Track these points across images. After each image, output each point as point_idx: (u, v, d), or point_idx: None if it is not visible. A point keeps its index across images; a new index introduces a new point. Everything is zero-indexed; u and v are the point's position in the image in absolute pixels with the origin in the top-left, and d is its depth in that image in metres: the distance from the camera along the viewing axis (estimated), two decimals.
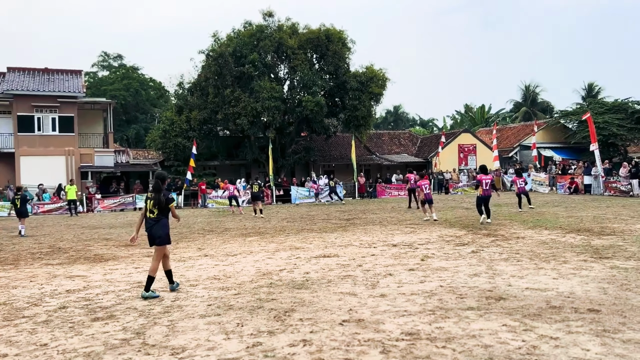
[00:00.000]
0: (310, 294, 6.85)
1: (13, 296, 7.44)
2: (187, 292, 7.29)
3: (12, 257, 11.54)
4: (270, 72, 34.78)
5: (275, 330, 5.33)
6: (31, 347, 5.07)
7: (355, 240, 12.40)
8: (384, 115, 77.60)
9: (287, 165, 36.52)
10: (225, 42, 33.90)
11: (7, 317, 6.28)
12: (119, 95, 53.58)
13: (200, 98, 34.29)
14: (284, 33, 33.87)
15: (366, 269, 8.54)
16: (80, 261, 10.62)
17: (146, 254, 11.41)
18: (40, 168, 31.47)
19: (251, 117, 32.34)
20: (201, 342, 5.04)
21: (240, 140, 37.13)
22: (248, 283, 7.77)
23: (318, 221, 18.01)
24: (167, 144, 34.81)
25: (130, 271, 9.21)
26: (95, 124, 36.56)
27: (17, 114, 31.83)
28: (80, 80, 34.98)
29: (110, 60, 65.21)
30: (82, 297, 7.22)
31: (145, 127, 56.82)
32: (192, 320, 5.83)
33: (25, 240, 15.13)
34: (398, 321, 5.49)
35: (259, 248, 11.64)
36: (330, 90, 35.64)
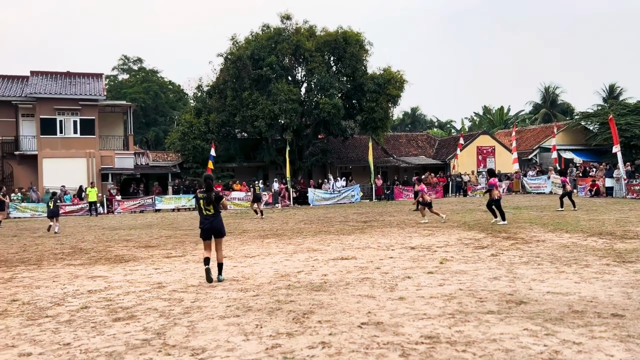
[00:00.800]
0: (328, 296, 6.85)
1: (36, 296, 7.56)
2: (207, 293, 7.34)
3: (36, 257, 11.74)
4: (288, 75, 34.91)
5: (294, 332, 5.34)
6: (54, 347, 5.15)
7: (373, 242, 12.37)
8: (401, 117, 77.32)
9: (304, 167, 36.61)
10: (244, 45, 34.13)
11: (31, 316, 6.39)
12: (139, 98, 54.23)
13: (219, 101, 34.57)
14: (302, 36, 33.98)
15: (384, 272, 8.51)
16: (102, 262, 10.77)
17: (165, 254, 11.53)
18: (62, 170, 31.98)
19: (269, 119, 32.50)
20: (221, 343, 5.07)
21: (258, 143, 37.32)
22: (266, 285, 7.80)
23: (335, 223, 18.02)
24: (186, 146, 35.13)
25: (150, 272, 9.30)
26: (116, 127, 37.04)
27: (39, 117, 32.41)
28: (101, 83, 35.51)
29: (130, 63, 66.02)
30: (103, 298, 7.31)
31: (164, 130, 57.40)
32: (212, 321, 5.88)
33: (48, 240, 15.39)
34: (417, 324, 5.46)
35: (277, 250, 11.68)
36: (348, 93, 35.67)
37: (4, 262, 11.01)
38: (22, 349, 5.11)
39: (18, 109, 33.12)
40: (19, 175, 33.00)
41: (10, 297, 7.54)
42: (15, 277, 9.23)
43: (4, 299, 7.42)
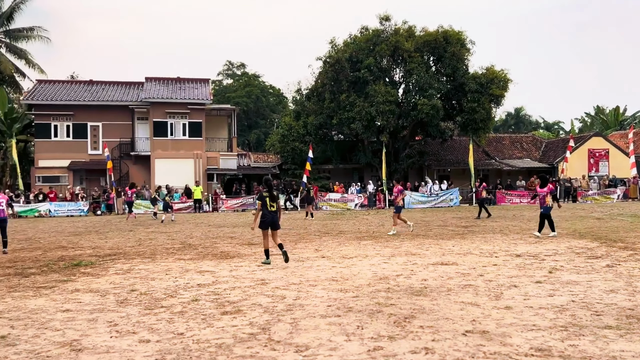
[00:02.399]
0: (430, 302, 6.73)
1: (152, 287, 8.13)
2: (308, 292, 7.49)
3: (150, 251, 12.64)
4: (386, 76, 34.79)
5: (395, 335, 5.30)
6: (169, 335, 5.51)
7: (474, 248, 11.96)
8: (504, 118, 74.07)
9: (401, 170, 36.24)
10: (342, 48, 34.49)
11: (148, 306, 6.87)
12: (241, 102, 56.56)
13: (317, 103, 35.20)
14: (401, 36, 33.72)
15: (488, 279, 8.20)
16: (209, 257, 11.35)
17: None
18: (172, 169, 34.20)
19: (365, 121, 32.57)
20: (323, 342, 5.15)
21: (354, 145, 37.53)
22: (365, 286, 7.81)
23: (434, 227, 17.65)
24: (285, 148, 36.15)
25: (254, 269, 9.66)
26: (221, 129, 38.94)
27: (152, 120, 34.87)
28: (207, 88, 37.54)
29: (234, 68, 69.09)
30: (211, 292, 7.70)
31: (265, 132, 59.44)
32: (314, 319, 5.99)
33: (160, 235, 16.51)
34: (526, 335, 5.20)
35: (374, 252, 11.65)
36: (447, 93, 34.85)
37: (123, 255, 11.96)
38: (142, 335, 5.52)
39: (134, 113, 35.87)
40: (134, 174, 35.69)
41: (129, 287, 8.17)
42: (133, 269, 9.99)
43: (124, 288, 8.05)
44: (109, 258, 11.45)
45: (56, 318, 6.27)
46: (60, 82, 38.64)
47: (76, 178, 34.79)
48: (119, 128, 35.70)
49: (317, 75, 35.68)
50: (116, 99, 36.09)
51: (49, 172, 34.38)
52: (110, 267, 10.20)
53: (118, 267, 10.20)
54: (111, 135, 35.26)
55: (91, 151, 35.24)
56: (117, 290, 7.87)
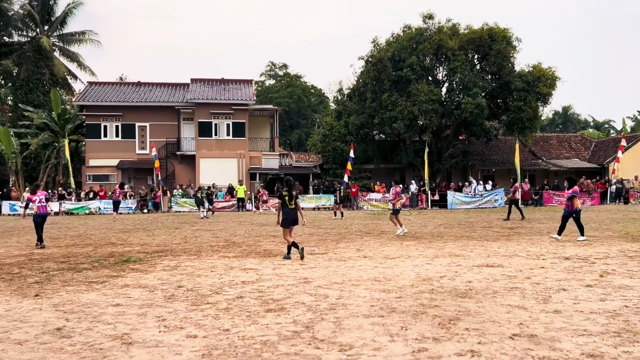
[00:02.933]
0: (475, 304, 6.62)
1: (198, 284, 8.31)
2: (350, 292, 7.49)
3: (195, 248, 12.92)
4: (429, 75, 34.38)
5: (440, 337, 5.25)
6: (216, 331, 5.62)
7: (520, 250, 11.69)
8: (551, 117, 71.96)
9: (444, 170, 35.75)
10: (384, 47, 34.30)
11: (195, 302, 7.03)
12: (283, 102, 57.06)
13: (358, 103, 35.12)
14: (444, 34, 33.25)
15: (535, 282, 8.00)
16: (252, 255, 11.52)
17: (309, 251, 11.98)
18: (216, 169, 34.85)
19: (407, 120, 32.28)
20: (367, 342, 5.15)
21: (396, 144, 37.25)
22: (409, 287, 7.76)
23: (478, 228, 17.34)
24: (326, 147, 36.24)
25: (296, 267, 9.74)
26: (263, 129, 39.39)
27: (198, 121, 35.61)
28: (251, 89, 38.05)
29: (277, 69, 69.77)
30: (255, 289, 7.81)
31: (306, 132, 59.77)
32: (357, 319, 5.99)
33: (205, 233, 16.85)
34: (577, 341, 5.06)
35: (417, 253, 11.55)
36: (492, 92, 34.15)
37: (170, 252, 12.27)
38: (189, 331, 5.66)
39: (180, 113, 36.72)
40: (180, 173, 36.55)
41: (176, 283, 8.38)
42: (180, 265, 10.24)
43: (171, 284, 8.27)
44: (156, 255, 11.77)
45: (107, 312, 6.50)
46: (109, 84, 39.95)
47: (124, 177, 35.89)
48: (165, 128, 36.62)
49: (359, 75, 35.59)
50: (163, 100, 37.03)
51: (98, 170, 35.63)
52: (157, 263, 10.49)
53: (165, 263, 10.47)
54: (158, 136, 36.20)
55: (139, 151, 36.30)
56: (165, 286, 8.09)
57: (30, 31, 47.23)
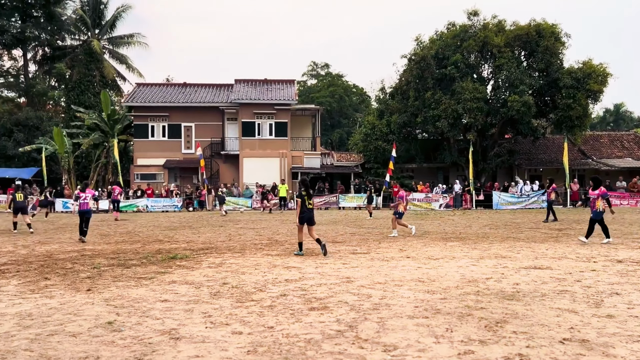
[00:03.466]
0: (522, 307, 6.46)
1: (242, 281, 8.42)
2: (393, 292, 7.44)
3: (239, 246, 13.11)
4: (473, 73, 33.78)
5: (487, 340, 5.14)
6: (260, 329, 5.69)
7: (570, 252, 11.33)
8: (602, 115, 69.39)
9: (489, 169, 35.02)
10: (428, 45, 33.91)
11: (239, 299, 7.14)
12: (325, 102, 57.15)
13: (401, 102, 34.84)
14: (489, 31, 32.59)
15: (586, 285, 7.74)
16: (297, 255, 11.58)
17: (351, 250, 11.99)
18: (259, 168, 35.26)
19: (451, 119, 31.80)
20: (411, 343, 5.10)
21: (439, 143, 36.74)
22: (453, 289, 7.64)
23: (525, 230, 16.91)
24: (368, 147, 36.10)
25: (339, 266, 9.75)
26: (305, 129, 39.59)
27: (241, 121, 36.11)
28: (293, 89, 38.31)
29: (318, 69, 69.97)
30: (298, 287, 7.86)
31: (347, 131, 59.67)
32: (401, 320, 5.94)
33: (249, 231, 17.08)
34: (632, 347, 4.86)
35: (462, 254, 11.36)
36: (540, 89, 33.24)
37: (215, 249, 12.49)
38: (234, 327, 5.74)
39: (224, 114, 37.33)
40: (224, 172, 37.17)
41: (221, 280, 8.52)
42: (224, 263, 10.41)
43: (216, 281, 8.41)
44: (202, 252, 12.01)
45: (156, 307, 6.67)
46: (156, 85, 41.01)
47: (171, 176, 36.80)
48: (210, 128, 37.31)
49: (402, 73, 35.28)
50: (208, 101, 37.73)
51: (146, 169, 36.65)
52: (203, 260, 10.70)
53: (210, 260, 10.67)
54: (203, 135, 36.90)
55: (184, 150, 37.12)
56: (210, 283, 8.24)
57: (82, 35, 49.07)
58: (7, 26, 48.99)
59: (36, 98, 52.06)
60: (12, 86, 53.47)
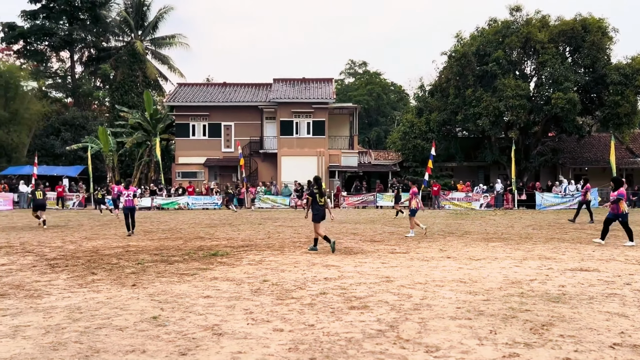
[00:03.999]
0: (569, 310, 6.27)
1: (282, 279, 8.48)
2: (434, 292, 7.35)
3: (278, 244, 13.21)
4: (515, 69, 33.01)
5: (532, 343, 5.02)
6: (301, 326, 5.71)
7: (618, 254, 10.94)
8: None
9: (531, 168, 34.16)
10: (469, 42, 33.34)
11: (280, 296, 7.19)
12: (362, 100, 56.98)
13: (441, 99, 34.37)
14: (533, 27, 31.76)
15: (637, 289, 7.46)
16: (334, 252, 11.58)
17: (390, 250, 11.91)
18: (296, 167, 35.41)
19: (493, 117, 31.17)
20: (454, 344, 5.03)
21: (480, 141, 36.08)
22: (496, 290, 7.49)
23: (569, 230, 16.44)
24: (406, 145, 35.77)
25: (377, 266, 9.70)
26: (342, 127, 39.55)
27: (280, 119, 36.37)
28: (331, 87, 38.33)
29: (356, 67, 69.81)
30: (338, 286, 7.86)
31: (385, 130, 59.33)
32: (443, 320, 5.87)
33: (287, 229, 17.19)
34: None
35: (504, 255, 11.12)
36: (585, 86, 32.22)
37: (255, 247, 12.63)
38: (275, 324, 5.79)
39: (263, 113, 37.68)
40: (262, 170, 37.53)
41: (261, 277, 8.61)
42: (264, 260, 10.51)
43: (257, 278, 8.50)
44: (242, 249, 12.16)
45: (198, 303, 6.79)
46: (197, 85, 41.73)
47: (211, 174, 37.40)
48: (249, 127, 37.73)
49: (441, 71, 34.80)
50: (247, 100, 38.15)
51: (187, 168, 37.38)
52: (243, 257, 10.83)
53: (250, 258, 10.79)
54: (242, 134, 37.34)
55: (224, 149, 37.66)
56: (251, 280, 8.33)
57: (126, 36, 50.46)
58: (56, 29, 50.86)
59: (82, 98, 53.82)
60: (60, 87, 55.47)
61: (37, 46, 52.32)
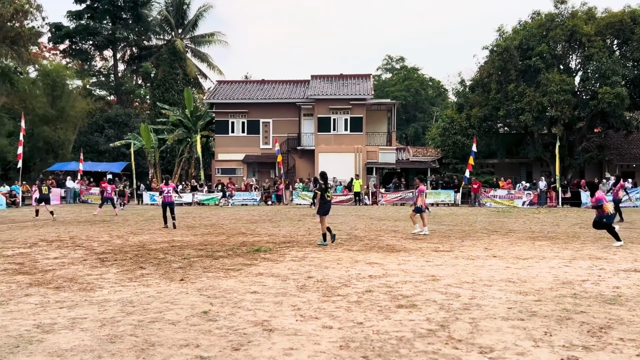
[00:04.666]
0: (627, 312, 6.06)
1: (326, 275, 8.49)
2: (483, 292, 7.22)
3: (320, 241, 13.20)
4: (560, 64, 32.10)
5: (591, 346, 4.87)
6: (350, 324, 5.69)
7: None
8: None
9: (576, 165, 33.18)
10: (511, 36, 32.59)
11: (326, 293, 7.19)
12: (400, 96, 56.48)
13: (482, 95, 33.72)
14: (579, 19, 30.80)
15: None
16: (375, 250, 11.53)
17: (433, 248, 11.77)
18: (334, 163, 35.33)
19: (536, 112, 30.41)
20: (508, 345, 4.92)
21: (522, 138, 35.27)
22: (547, 290, 7.29)
23: (619, 230, 15.84)
24: (446, 141, 35.30)
25: (422, 264, 9.59)
26: (380, 124, 39.29)
27: (317, 116, 36.41)
28: (369, 83, 38.10)
29: (393, 62, 69.21)
30: (383, 284, 7.81)
31: (423, 126, 58.67)
32: (494, 321, 5.75)
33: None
34: None
35: (552, 254, 10.83)
36: (634, 80, 31.12)
37: (296, 243, 12.68)
38: (324, 321, 5.79)
39: (300, 109, 37.79)
40: (300, 167, 37.67)
41: (306, 273, 8.63)
42: (307, 256, 10.54)
43: (301, 275, 8.53)
44: (284, 245, 12.23)
45: (246, 298, 6.86)
46: (236, 82, 42.18)
47: (249, 170, 37.78)
48: (287, 124, 37.90)
49: (482, 65, 34.14)
50: (285, 97, 38.32)
51: (226, 164, 37.86)
52: (286, 254, 10.89)
53: (293, 254, 10.84)
54: (280, 131, 37.56)
55: (262, 145, 37.96)
56: (296, 276, 8.36)
57: (166, 35, 51.45)
58: (100, 28, 52.29)
59: (124, 96, 55.20)
60: (103, 85, 57.04)
61: (81, 45, 53.93)
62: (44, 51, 51.98)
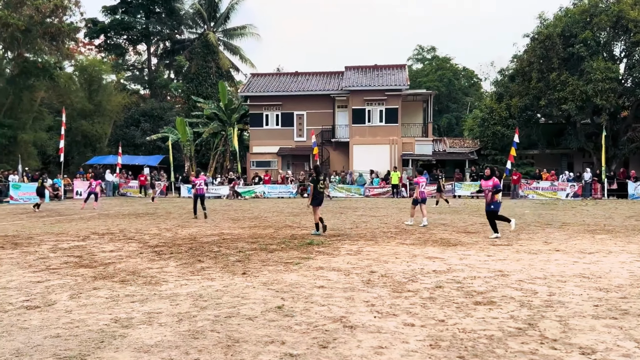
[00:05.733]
0: None
1: (389, 270, 8.29)
2: (560, 288, 6.92)
3: (369, 234, 13.02)
4: (604, 51, 31.02)
5: None
6: (431, 322, 5.49)
7: None
8: None
9: (620, 156, 32.13)
10: (553, 23, 31.62)
11: (394, 289, 6.99)
12: (433, 86, 55.58)
13: (522, 84, 32.88)
14: (624, 4, 29.69)
15: None
16: (430, 243, 11.26)
17: (490, 242, 11.44)
18: (368, 155, 35.07)
19: (579, 101, 29.50)
20: (609, 346, 4.65)
21: (563, 128, 34.34)
22: (629, 287, 6.95)
23: None
24: (485, 132, 34.59)
25: (484, 258, 9.31)
26: (415, 115, 38.76)
27: (352, 108, 36.09)
28: (404, 74, 37.55)
29: (424, 53, 68.19)
30: (451, 279, 7.56)
31: (456, 116, 57.73)
32: (585, 319, 5.47)
33: (372, 219, 16.97)
34: None
35: (618, 248, 10.41)
36: None
37: (347, 237, 12.50)
38: (403, 318, 5.60)
39: (334, 101, 37.52)
40: (334, 159, 37.45)
41: (367, 268, 8.45)
42: (361, 250, 10.35)
43: (362, 269, 8.35)
44: (335, 239, 12.05)
45: (315, 293, 6.72)
46: (269, 75, 42.14)
47: (284, 163, 37.74)
48: (321, 116, 37.68)
49: (522, 54, 33.25)
50: (319, 89, 38.06)
51: (261, 157, 37.89)
52: (340, 247, 10.72)
53: (347, 248, 10.67)
54: (314, 123, 37.36)
55: (297, 138, 37.85)
56: (358, 271, 8.19)
57: (199, 28, 51.68)
58: (134, 23, 52.88)
59: (158, 90, 55.76)
60: (137, 79, 57.72)
61: (116, 40, 54.64)
62: (80, 46, 52.85)
